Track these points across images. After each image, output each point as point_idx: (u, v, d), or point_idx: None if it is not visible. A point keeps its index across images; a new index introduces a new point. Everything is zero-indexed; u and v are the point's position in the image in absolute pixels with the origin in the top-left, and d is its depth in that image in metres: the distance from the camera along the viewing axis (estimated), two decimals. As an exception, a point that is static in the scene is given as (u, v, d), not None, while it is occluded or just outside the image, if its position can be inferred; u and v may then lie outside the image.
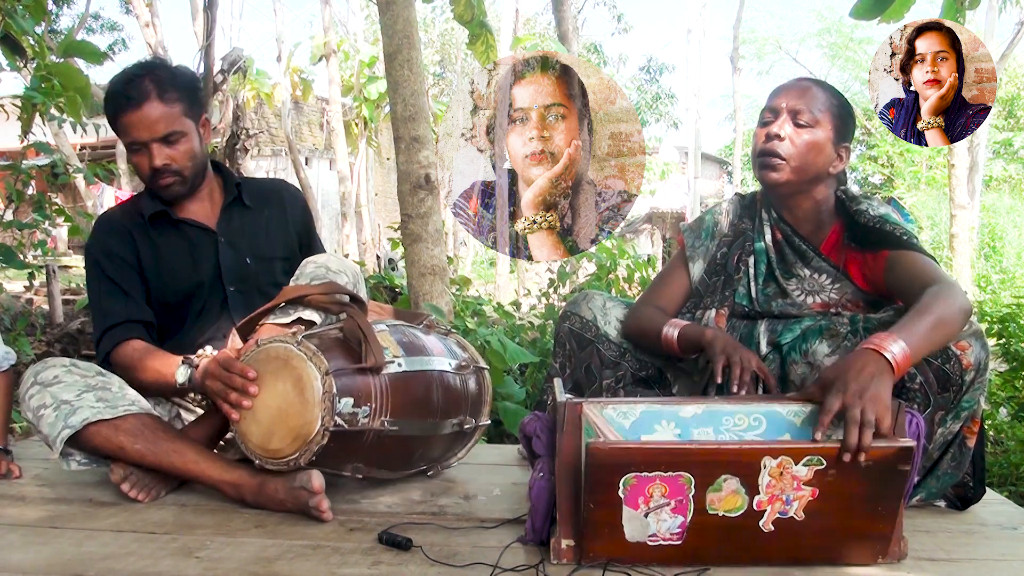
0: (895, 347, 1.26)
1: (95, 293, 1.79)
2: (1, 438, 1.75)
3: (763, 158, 1.65)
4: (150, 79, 1.72)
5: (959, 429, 1.49)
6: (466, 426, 1.71)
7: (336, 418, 1.40)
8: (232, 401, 1.46)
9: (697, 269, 1.80)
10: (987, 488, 1.62)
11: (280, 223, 1.92)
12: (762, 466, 1.18)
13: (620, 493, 1.18)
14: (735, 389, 1.44)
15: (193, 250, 1.82)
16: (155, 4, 10.16)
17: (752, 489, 1.19)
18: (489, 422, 1.83)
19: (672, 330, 1.64)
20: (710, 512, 1.20)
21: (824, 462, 1.18)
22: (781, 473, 1.18)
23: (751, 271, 1.74)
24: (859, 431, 1.16)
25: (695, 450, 1.19)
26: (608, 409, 1.24)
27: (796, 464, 1.18)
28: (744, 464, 1.18)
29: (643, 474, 1.17)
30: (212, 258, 1.83)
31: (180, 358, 1.62)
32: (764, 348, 1.66)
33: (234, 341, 1.66)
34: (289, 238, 1.91)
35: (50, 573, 1.21)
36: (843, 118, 1.66)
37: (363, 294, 1.74)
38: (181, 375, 1.60)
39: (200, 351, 1.62)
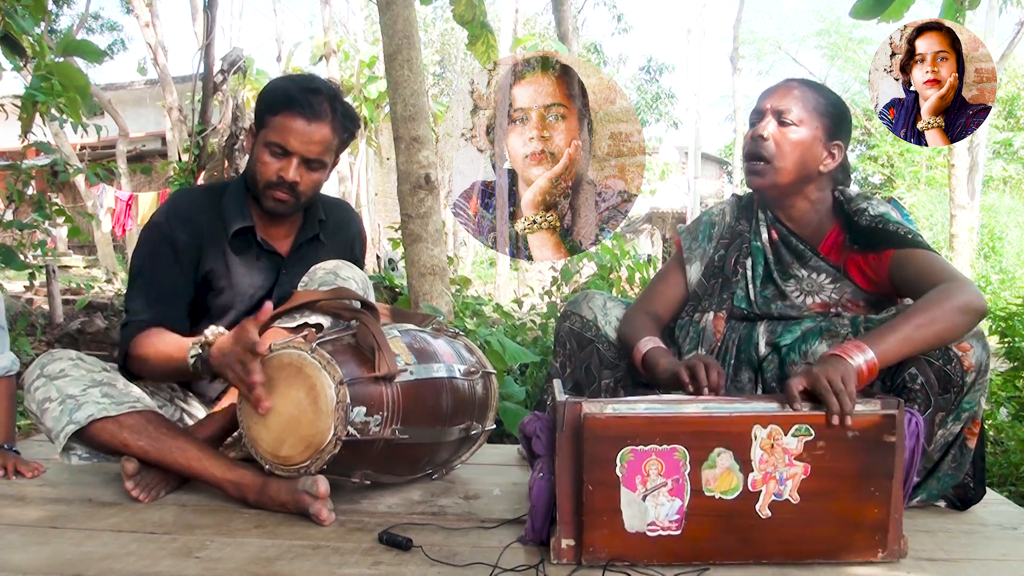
0: (859, 357, 1.30)
1: (142, 275, 1.73)
2: (10, 438, 1.76)
3: (748, 163, 1.67)
4: (331, 104, 1.70)
5: (960, 430, 1.49)
6: (472, 431, 1.71)
7: (349, 427, 1.40)
8: (252, 400, 1.45)
9: (695, 271, 1.80)
10: (987, 488, 1.62)
11: (340, 255, 1.88)
12: (753, 436, 1.23)
13: (618, 471, 1.21)
14: (704, 389, 1.45)
15: (256, 272, 1.80)
16: (155, 4, 10.17)
17: (745, 464, 1.23)
18: (495, 426, 1.83)
19: (642, 347, 1.62)
20: (706, 494, 1.23)
21: (812, 432, 1.23)
22: (772, 445, 1.23)
23: (749, 272, 1.74)
24: (836, 396, 1.22)
25: (688, 419, 1.24)
26: (608, 409, 1.24)
27: (786, 435, 1.23)
28: (735, 435, 1.23)
29: (639, 447, 1.21)
30: (268, 284, 1.81)
31: (191, 340, 1.57)
32: (763, 349, 1.66)
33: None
34: None
35: (50, 573, 1.21)
36: (833, 116, 1.65)
37: (372, 300, 1.73)
38: (191, 354, 1.54)
39: (209, 331, 1.55)
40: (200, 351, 1.53)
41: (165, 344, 1.62)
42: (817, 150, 1.64)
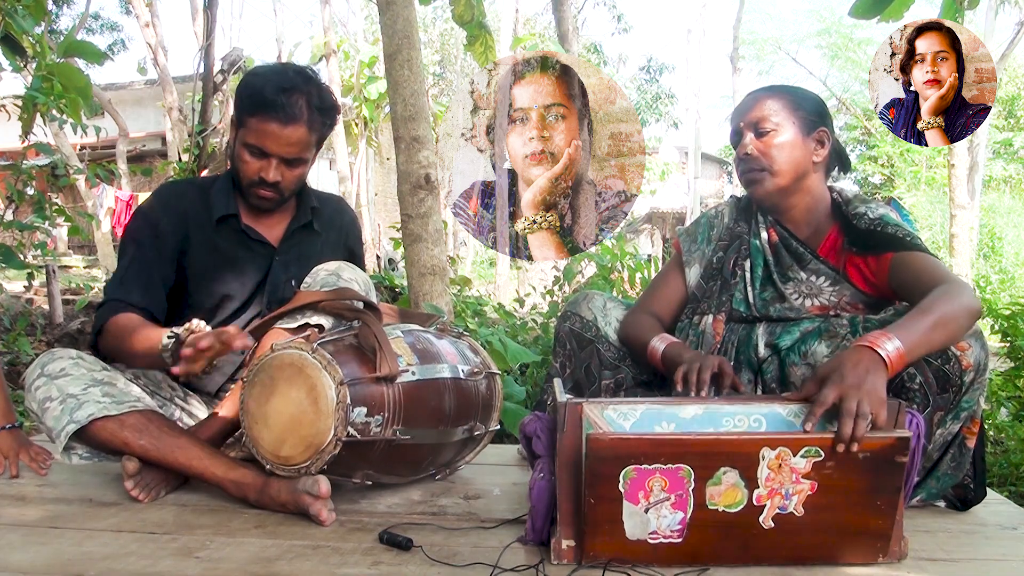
0: (889, 345, 1.28)
1: (125, 258, 1.74)
2: (9, 417, 1.76)
3: (745, 176, 1.69)
4: (307, 100, 1.67)
5: (959, 430, 1.49)
6: (476, 432, 1.71)
7: (349, 428, 1.40)
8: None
9: (694, 274, 1.80)
10: (987, 489, 1.62)
11: (334, 248, 1.90)
12: (760, 457, 1.19)
13: (620, 487, 1.19)
14: (692, 392, 1.44)
15: (245, 261, 1.80)
16: (155, 4, 10.17)
17: (751, 482, 1.20)
18: (499, 426, 1.83)
19: (659, 345, 1.63)
20: (710, 507, 1.21)
21: (822, 453, 1.19)
22: (780, 465, 1.19)
23: (748, 275, 1.74)
24: (854, 423, 1.18)
25: (694, 441, 1.20)
26: (608, 410, 1.24)
27: (794, 456, 1.19)
28: (743, 456, 1.19)
29: (643, 467, 1.18)
30: (260, 274, 1.81)
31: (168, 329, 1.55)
32: (763, 350, 1.66)
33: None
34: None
35: (50, 573, 1.21)
36: (806, 109, 1.67)
37: (374, 301, 1.73)
38: (165, 339, 1.51)
39: (189, 324, 1.52)
40: (177, 334, 1.50)
41: (145, 328, 1.60)
42: (804, 145, 1.66)
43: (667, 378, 1.69)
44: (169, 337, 1.51)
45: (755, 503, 1.21)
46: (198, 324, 1.53)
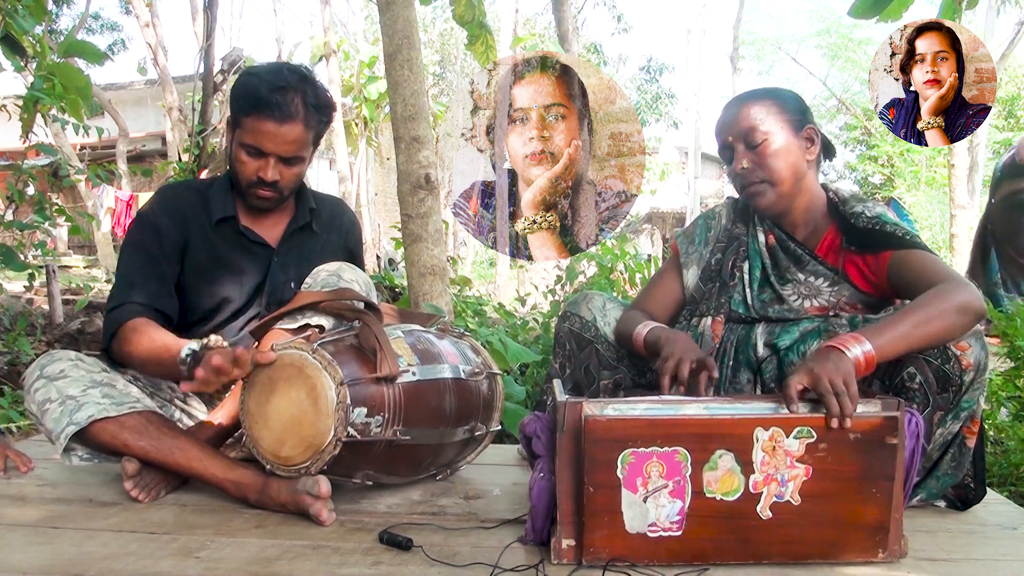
0: (857, 348, 1.30)
1: (129, 260, 1.74)
2: None
3: (746, 190, 1.67)
4: (302, 98, 1.67)
5: (959, 429, 1.49)
6: (477, 432, 1.71)
7: (349, 428, 1.40)
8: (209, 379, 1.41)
9: (691, 275, 1.80)
10: (987, 489, 1.62)
11: (335, 250, 1.89)
12: (755, 439, 1.23)
13: (619, 472, 1.21)
14: (683, 389, 1.44)
15: (244, 263, 1.80)
16: (155, 4, 10.17)
17: (747, 466, 1.23)
18: (500, 427, 1.83)
19: (642, 330, 1.62)
20: (708, 495, 1.23)
21: (815, 434, 1.23)
22: (774, 448, 1.23)
23: (746, 277, 1.74)
24: (836, 398, 1.22)
25: (689, 420, 1.24)
26: (608, 409, 1.25)
27: (788, 436, 1.23)
28: (737, 437, 1.23)
29: (640, 449, 1.21)
30: (259, 276, 1.81)
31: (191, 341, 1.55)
32: (762, 350, 1.66)
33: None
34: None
35: (50, 573, 1.21)
36: (789, 108, 1.65)
37: (375, 301, 1.73)
38: (186, 350, 1.50)
39: (208, 340, 1.52)
40: (196, 350, 1.49)
41: (161, 334, 1.61)
42: (797, 147, 1.64)
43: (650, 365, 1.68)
44: (186, 353, 1.49)
45: (752, 490, 1.23)
46: (216, 340, 1.52)
